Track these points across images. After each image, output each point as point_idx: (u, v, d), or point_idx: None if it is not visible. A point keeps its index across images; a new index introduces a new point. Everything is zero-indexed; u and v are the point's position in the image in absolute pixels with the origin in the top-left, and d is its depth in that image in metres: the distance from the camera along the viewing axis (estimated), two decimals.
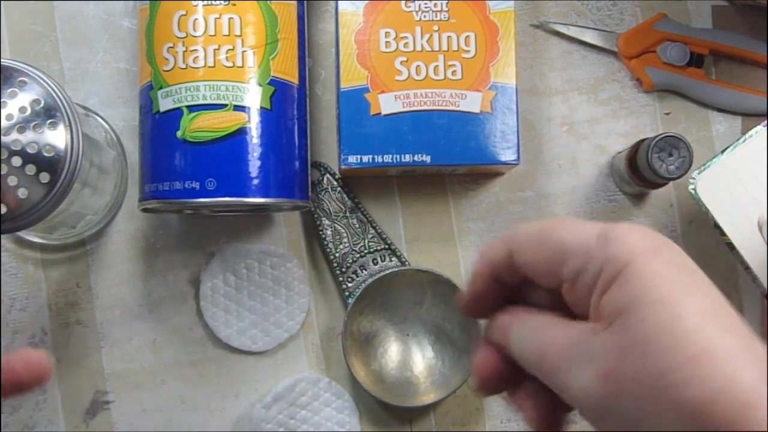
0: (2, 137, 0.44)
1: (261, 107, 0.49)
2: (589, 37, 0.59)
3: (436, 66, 0.54)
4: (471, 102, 0.54)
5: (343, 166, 0.54)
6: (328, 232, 0.57)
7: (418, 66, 0.54)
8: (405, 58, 0.54)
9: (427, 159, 0.53)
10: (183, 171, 0.49)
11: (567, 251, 0.29)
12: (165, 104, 0.49)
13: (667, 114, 0.60)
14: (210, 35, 0.49)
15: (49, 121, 0.45)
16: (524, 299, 0.33)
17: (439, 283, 0.56)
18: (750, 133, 0.53)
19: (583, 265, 0.29)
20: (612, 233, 0.28)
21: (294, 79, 0.51)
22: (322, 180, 0.57)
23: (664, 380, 0.25)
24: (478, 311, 0.34)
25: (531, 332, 0.31)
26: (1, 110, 0.44)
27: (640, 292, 0.27)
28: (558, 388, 0.29)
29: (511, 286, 0.33)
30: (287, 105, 0.51)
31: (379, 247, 0.57)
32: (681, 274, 0.27)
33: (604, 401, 0.27)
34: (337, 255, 0.57)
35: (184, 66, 0.49)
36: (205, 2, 0.49)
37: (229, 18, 0.49)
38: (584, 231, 0.29)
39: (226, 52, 0.49)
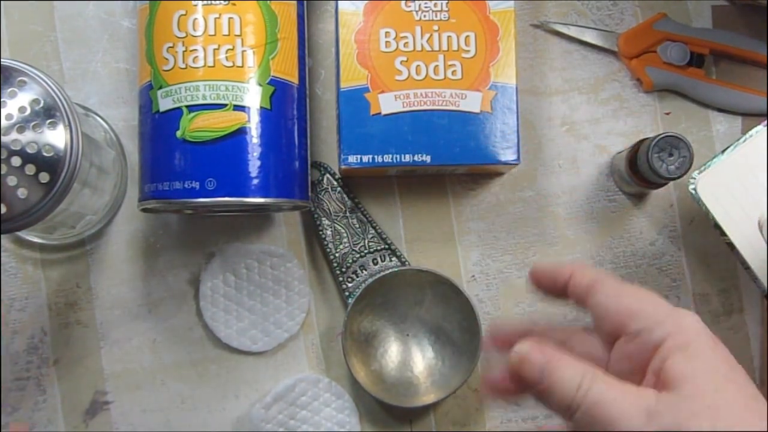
0: (2, 137, 0.44)
1: (261, 107, 0.49)
2: (589, 37, 0.59)
3: (436, 66, 0.54)
4: (471, 102, 0.54)
5: (343, 166, 0.54)
6: (328, 232, 0.57)
7: (418, 66, 0.54)
8: (405, 58, 0.54)
9: (427, 159, 0.53)
10: (183, 171, 0.49)
11: (641, 311, 0.37)
12: (165, 104, 0.49)
13: (668, 114, 0.60)
14: (210, 35, 0.49)
15: (49, 121, 0.45)
16: None
17: (439, 283, 0.56)
18: (750, 133, 0.53)
19: (649, 326, 0.37)
20: (680, 311, 0.37)
21: (294, 79, 0.51)
22: (322, 180, 0.57)
23: None
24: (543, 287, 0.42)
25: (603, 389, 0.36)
26: (1, 110, 0.44)
27: (709, 369, 0.35)
28: (600, 413, 0.35)
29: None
30: (287, 105, 0.51)
31: (379, 247, 0.57)
32: (728, 366, 0.36)
33: None
34: (337, 255, 0.57)
35: (183, 66, 0.49)
36: (205, 2, 0.49)
37: (229, 18, 0.49)
38: (658, 303, 0.38)
39: (226, 52, 0.49)
